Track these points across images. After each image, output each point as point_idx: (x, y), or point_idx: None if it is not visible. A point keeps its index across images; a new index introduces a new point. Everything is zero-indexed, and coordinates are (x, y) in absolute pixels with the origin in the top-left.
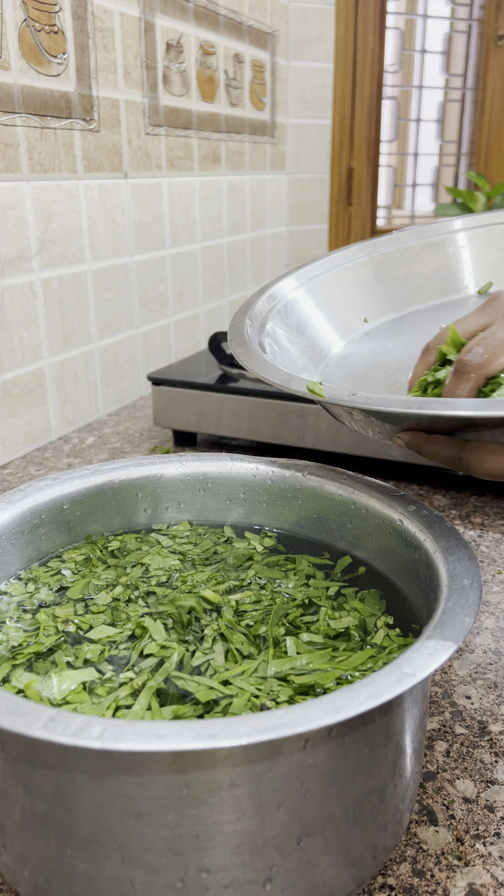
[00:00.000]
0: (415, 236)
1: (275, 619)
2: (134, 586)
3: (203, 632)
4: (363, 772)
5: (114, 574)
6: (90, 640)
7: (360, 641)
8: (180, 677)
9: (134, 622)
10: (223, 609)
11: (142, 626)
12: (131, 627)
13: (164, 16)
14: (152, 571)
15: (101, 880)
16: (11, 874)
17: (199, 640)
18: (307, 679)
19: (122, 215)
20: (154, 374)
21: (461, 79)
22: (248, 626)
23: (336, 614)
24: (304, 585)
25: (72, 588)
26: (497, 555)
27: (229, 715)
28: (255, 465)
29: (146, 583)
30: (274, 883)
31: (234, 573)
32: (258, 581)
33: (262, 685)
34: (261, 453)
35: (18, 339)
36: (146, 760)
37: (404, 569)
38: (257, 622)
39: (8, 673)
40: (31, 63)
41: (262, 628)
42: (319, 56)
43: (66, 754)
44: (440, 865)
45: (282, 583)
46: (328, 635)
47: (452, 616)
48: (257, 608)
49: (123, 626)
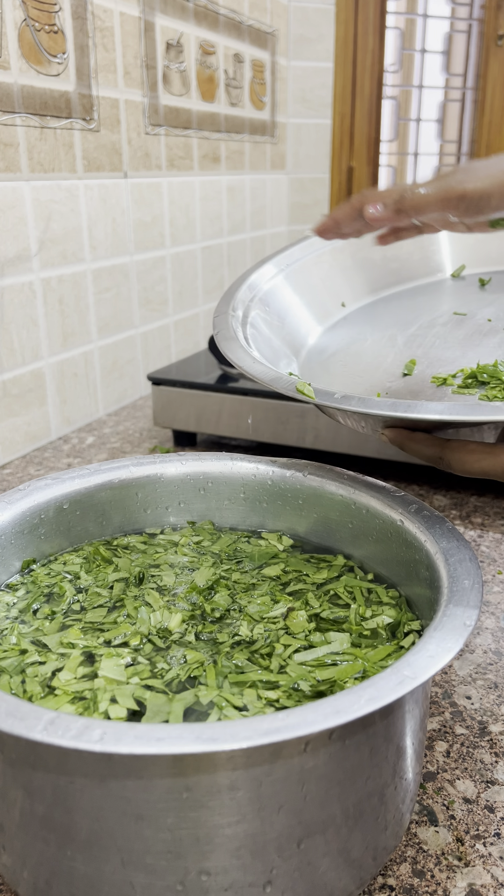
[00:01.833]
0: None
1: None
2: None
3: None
4: (364, 774)
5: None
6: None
7: (387, 641)
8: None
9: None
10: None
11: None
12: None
13: (163, 15)
14: (169, 569)
15: (101, 882)
16: (11, 875)
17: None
18: (329, 673)
19: (121, 215)
20: (154, 374)
21: (461, 79)
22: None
23: (368, 611)
24: (335, 579)
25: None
26: (497, 555)
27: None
28: (256, 465)
29: (170, 577)
30: (274, 885)
31: (258, 569)
32: (286, 573)
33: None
34: (261, 453)
35: (18, 338)
36: (146, 763)
37: (405, 569)
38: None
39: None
40: (30, 63)
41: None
42: (319, 56)
43: (66, 757)
44: (440, 866)
45: (312, 576)
46: (360, 633)
47: (453, 618)
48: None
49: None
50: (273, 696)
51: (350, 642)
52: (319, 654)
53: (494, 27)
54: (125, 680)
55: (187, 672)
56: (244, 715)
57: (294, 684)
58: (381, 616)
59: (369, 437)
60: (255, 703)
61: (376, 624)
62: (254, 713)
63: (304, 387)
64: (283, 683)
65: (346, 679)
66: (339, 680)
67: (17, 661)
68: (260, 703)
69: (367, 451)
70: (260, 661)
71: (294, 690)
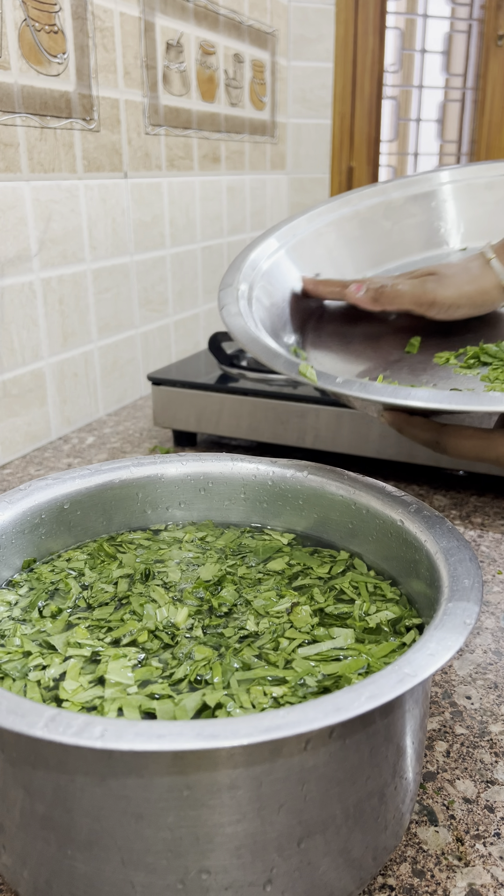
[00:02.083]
0: (400, 188)
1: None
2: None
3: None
4: (364, 773)
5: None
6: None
7: (391, 637)
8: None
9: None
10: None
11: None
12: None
13: (164, 15)
14: (174, 565)
15: (101, 882)
16: (11, 875)
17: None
18: (334, 668)
19: (122, 215)
20: (154, 374)
21: (461, 79)
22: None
23: (373, 607)
24: (340, 574)
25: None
26: (497, 555)
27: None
28: (256, 465)
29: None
30: (274, 885)
31: (263, 564)
32: (290, 566)
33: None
34: (261, 453)
35: (18, 338)
36: (147, 761)
37: (405, 569)
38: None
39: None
40: (30, 63)
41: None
42: (319, 56)
43: (66, 755)
44: (440, 866)
45: (316, 570)
46: (363, 629)
47: (453, 617)
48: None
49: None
50: (279, 692)
51: (354, 637)
52: (323, 648)
53: (494, 27)
54: (132, 682)
55: (195, 671)
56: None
57: (300, 679)
58: (385, 612)
59: (369, 438)
60: (261, 700)
61: (379, 619)
62: (260, 710)
63: (307, 370)
64: (290, 679)
65: (351, 674)
66: (345, 675)
67: (20, 665)
68: (266, 700)
69: (367, 451)
70: (267, 655)
71: (300, 685)
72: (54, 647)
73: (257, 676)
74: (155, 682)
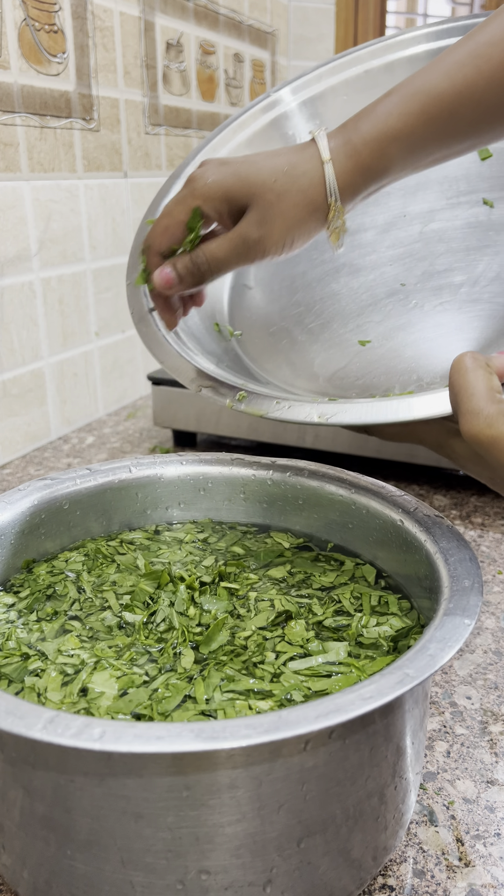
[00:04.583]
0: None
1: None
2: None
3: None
4: (364, 773)
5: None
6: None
7: (388, 652)
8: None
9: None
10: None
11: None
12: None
13: (163, 15)
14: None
15: (101, 882)
16: (11, 875)
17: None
18: (323, 684)
19: (121, 215)
20: (154, 374)
21: None
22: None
23: (373, 620)
24: (344, 585)
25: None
26: (497, 555)
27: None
28: (256, 465)
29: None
30: (274, 884)
31: (264, 569)
32: (292, 575)
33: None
34: (261, 453)
35: (18, 338)
36: (146, 762)
37: (405, 569)
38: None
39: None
40: (30, 62)
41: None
42: (319, 55)
43: (65, 756)
44: (440, 866)
45: (318, 579)
46: (359, 643)
47: (453, 618)
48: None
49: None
50: (265, 706)
51: (348, 652)
52: (313, 663)
53: None
54: (117, 693)
55: (180, 689)
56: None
57: (287, 695)
58: (385, 626)
59: (369, 437)
60: (246, 714)
61: (378, 634)
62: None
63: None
64: (276, 693)
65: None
66: (333, 692)
67: (18, 667)
68: (251, 714)
69: (367, 451)
70: (254, 670)
71: (287, 700)
72: (46, 655)
73: (242, 689)
74: (139, 692)
